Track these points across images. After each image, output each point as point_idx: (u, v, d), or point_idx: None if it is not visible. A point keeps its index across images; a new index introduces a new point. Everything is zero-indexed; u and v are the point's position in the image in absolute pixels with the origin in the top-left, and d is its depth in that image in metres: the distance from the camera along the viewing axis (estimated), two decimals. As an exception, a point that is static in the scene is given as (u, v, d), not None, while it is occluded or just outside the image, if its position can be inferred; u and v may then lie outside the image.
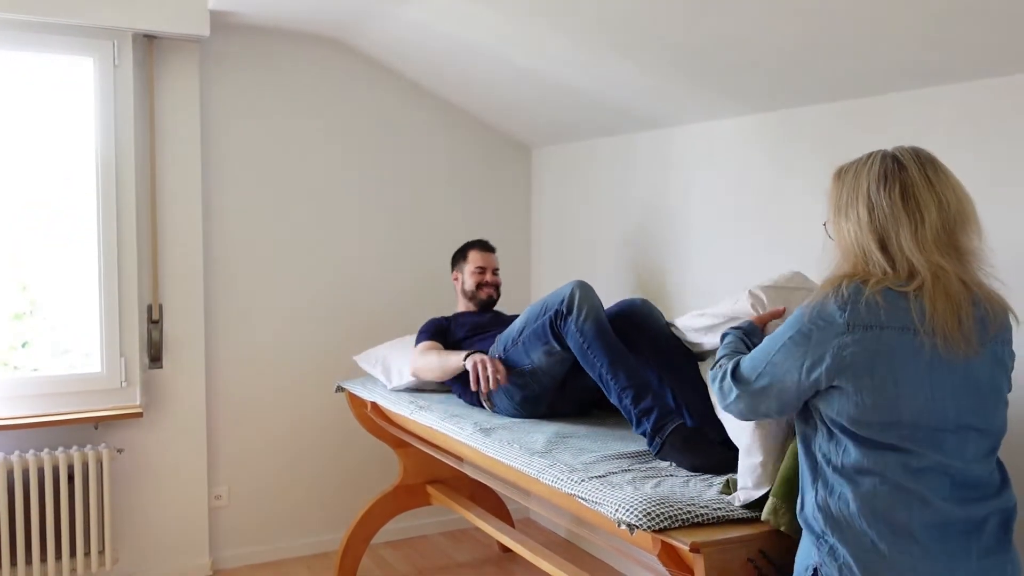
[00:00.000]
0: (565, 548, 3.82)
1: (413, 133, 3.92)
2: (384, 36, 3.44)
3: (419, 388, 3.17)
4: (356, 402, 3.36)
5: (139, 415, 3.27)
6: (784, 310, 1.97)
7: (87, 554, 3.19)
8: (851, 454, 1.52)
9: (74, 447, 3.18)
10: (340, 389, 3.46)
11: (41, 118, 3.21)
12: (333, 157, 3.76)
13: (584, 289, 2.59)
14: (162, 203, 3.37)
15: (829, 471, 1.54)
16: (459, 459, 2.89)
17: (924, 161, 1.54)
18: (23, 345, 3.28)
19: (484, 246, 3.47)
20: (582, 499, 2.00)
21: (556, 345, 2.60)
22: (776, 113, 2.82)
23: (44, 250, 3.26)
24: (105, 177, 3.23)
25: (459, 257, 3.46)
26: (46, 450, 3.14)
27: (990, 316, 1.52)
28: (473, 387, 2.75)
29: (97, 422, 3.24)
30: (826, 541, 1.53)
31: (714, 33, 2.44)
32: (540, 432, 2.52)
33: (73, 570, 3.17)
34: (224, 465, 3.60)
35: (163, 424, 3.41)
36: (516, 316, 3.26)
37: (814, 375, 1.53)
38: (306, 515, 3.77)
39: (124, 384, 3.31)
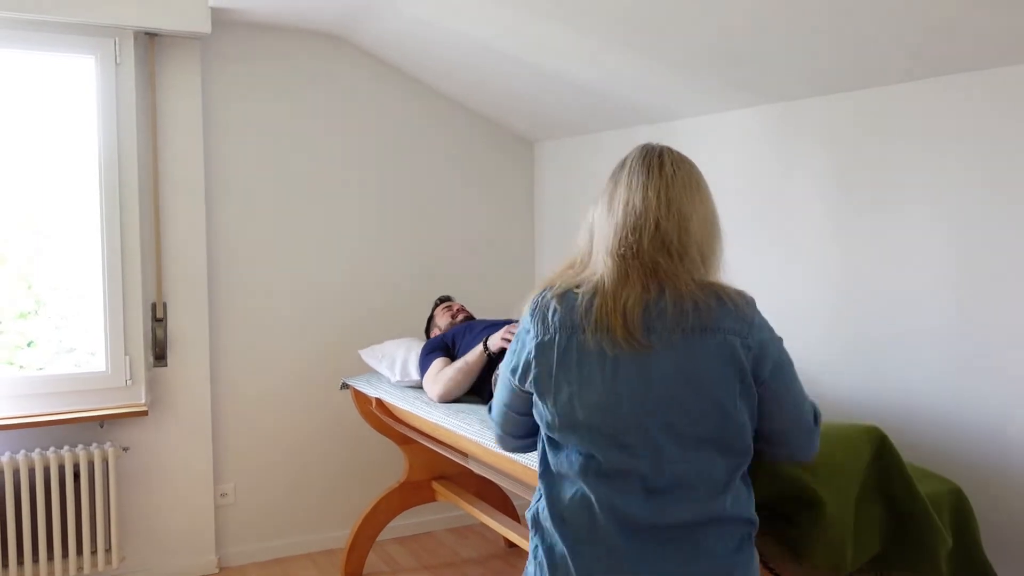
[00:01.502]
0: (571, 543, 3.82)
1: (415, 128, 3.91)
2: (385, 31, 3.43)
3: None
4: (361, 399, 3.36)
5: (144, 413, 3.27)
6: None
7: (94, 552, 3.20)
8: (547, 458, 1.50)
9: (80, 446, 3.19)
10: (345, 386, 3.45)
11: (43, 117, 3.20)
12: (336, 153, 3.75)
13: None
14: (165, 201, 3.36)
15: (540, 476, 1.53)
16: (464, 455, 2.89)
17: (643, 164, 1.47)
18: (28, 344, 3.28)
19: (442, 299, 3.54)
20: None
21: None
22: (780, 105, 2.81)
23: (48, 249, 3.26)
24: (108, 175, 3.23)
25: (429, 322, 3.50)
26: (52, 449, 3.15)
27: (669, 309, 1.39)
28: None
29: (102, 421, 3.24)
30: (532, 540, 1.52)
31: (717, 25, 2.43)
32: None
33: (80, 568, 3.17)
34: (230, 462, 3.60)
35: (168, 422, 3.42)
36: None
37: (516, 378, 1.53)
38: (312, 512, 3.77)
39: (129, 382, 3.31)
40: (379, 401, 3.19)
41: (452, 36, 3.19)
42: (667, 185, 1.44)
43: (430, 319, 3.50)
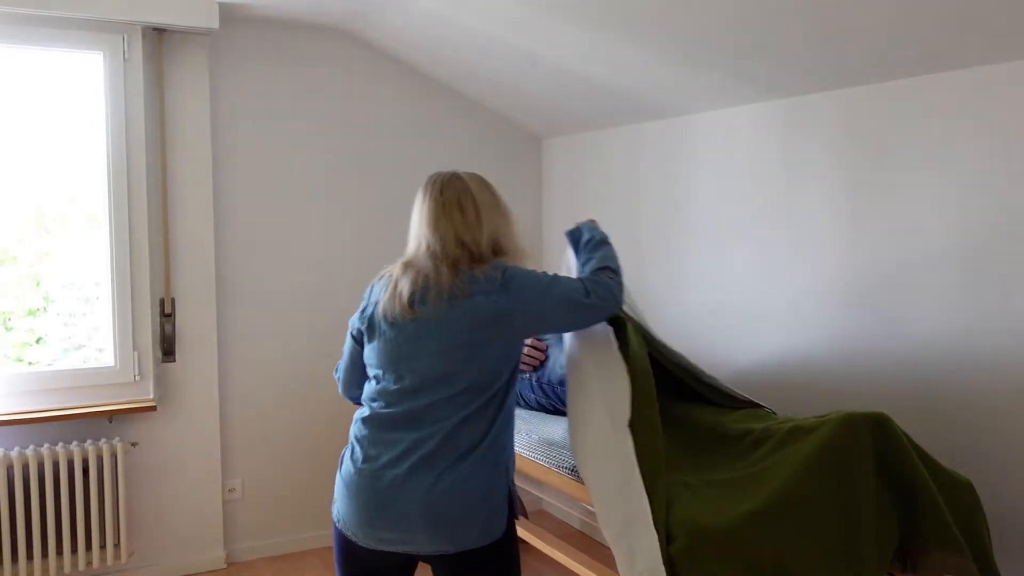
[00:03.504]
0: (579, 539, 3.82)
1: (424, 124, 3.91)
2: (394, 27, 3.43)
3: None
4: (369, 394, 3.35)
5: (152, 408, 3.28)
6: None
7: (103, 547, 3.21)
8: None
9: (89, 441, 3.19)
10: (353, 382, 3.45)
11: (52, 114, 3.21)
12: (344, 149, 3.75)
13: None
14: (173, 197, 3.37)
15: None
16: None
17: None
18: (38, 341, 3.29)
19: None
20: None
21: None
22: (789, 100, 2.80)
23: (56, 246, 3.27)
24: (116, 171, 3.23)
25: None
26: (61, 444, 3.15)
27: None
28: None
29: (111, 416, 3.25)
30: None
31: (724, 20, 2.42)
32: (557, 424, 2.51)
33: (89, 563, 3.19)
34: (238, 458, 3.60)
35: (177, 417, 3.42)
36: None
37: None
38: (320, 507, 3.77)
39: (137, 378, 3.31)
40: (387, 397, 3.19)
41: (459, 31, 3.18)
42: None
43: None
